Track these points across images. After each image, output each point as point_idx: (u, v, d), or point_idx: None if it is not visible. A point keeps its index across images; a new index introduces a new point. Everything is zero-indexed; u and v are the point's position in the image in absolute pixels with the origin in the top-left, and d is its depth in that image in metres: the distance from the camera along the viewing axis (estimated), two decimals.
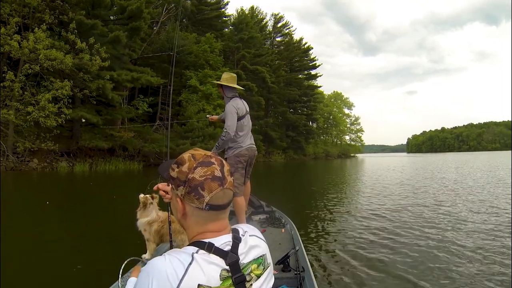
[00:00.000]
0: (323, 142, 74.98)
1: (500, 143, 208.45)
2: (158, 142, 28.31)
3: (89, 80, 21.89)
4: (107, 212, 8.53)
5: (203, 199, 1.08)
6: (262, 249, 1.22)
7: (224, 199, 1.13)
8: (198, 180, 1.09)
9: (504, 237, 5.63)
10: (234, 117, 4.20)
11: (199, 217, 1.13)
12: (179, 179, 1.13)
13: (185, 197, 1.11)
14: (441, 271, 4.09)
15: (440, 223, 6.72)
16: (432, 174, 20.28)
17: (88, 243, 5.44)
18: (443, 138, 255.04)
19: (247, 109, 4.49)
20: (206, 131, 30.41)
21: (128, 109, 28.56)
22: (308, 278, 2.78)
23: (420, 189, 12.71)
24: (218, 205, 1.11)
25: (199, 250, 1.07)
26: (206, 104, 33.42)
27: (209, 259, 1.06)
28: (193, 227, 1.16)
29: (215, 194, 1.09)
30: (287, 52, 57.59)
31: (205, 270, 1.03)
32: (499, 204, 8.80)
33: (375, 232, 6.06)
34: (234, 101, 4.32)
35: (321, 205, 9.43)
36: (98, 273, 3.90)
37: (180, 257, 1.04)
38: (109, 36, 23.04)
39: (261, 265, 1.19)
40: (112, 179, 19.14)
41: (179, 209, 1.15)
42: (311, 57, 61.94)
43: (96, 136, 24.41)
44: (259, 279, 1.16)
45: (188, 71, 34.65)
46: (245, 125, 4.39)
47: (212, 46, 37.37)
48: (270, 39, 59.19)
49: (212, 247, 1.08)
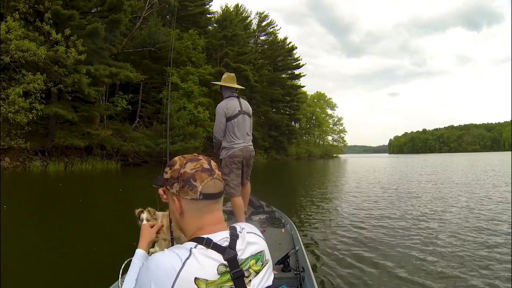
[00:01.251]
0: (305, 143, 74.62)
1: (479, 145, 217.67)
2: (137, 140, 27.25)
3: (64, 74, 20.63)
4: (62, 219, 7.62)
5: (196, 189, 1.17)
6: (260, 246, 1.26)
7: (216, 188, 1.22)
8: (190, 173, 1.19)
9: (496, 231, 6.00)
10: (219, 118, 4.20)
11: (195, 210, 1.21)
12: (172, 177, 1.23)
13: (180, 192, 1.20)
14: (442, 270, 4.09)
15: (441, 222, 6.79)
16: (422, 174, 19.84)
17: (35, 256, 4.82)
18: (425, 139, 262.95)
19: (242, 109, 4.32)
20: (186, 129, 29.38)
21: (107, 106, 27.27)
22: (308, 278, 2.78)
23: (416, 189, 12.87)
24: (211, 194, 1.20)
25: (197, 245, 1.12)
26: (187, 102, 32.44)
27: (207, 254, 1.10)
28: (191, 222, 1.22)
29: (206, 183, 1.19)
30: (271, 51, 57.00)
31: (202, 264, 1.07)
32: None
33: (375, 232, 6.07)
34: (226, 101, 4.27)
35: (321, 205, 9.43)
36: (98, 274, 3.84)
37: (179, 252, 1.09)
38: (87, 28, 21.77)
39: (260, 261, 1.22)
40: (86, 179, 18.12)
41: (177, 207, 1.23)
42: (295, 57, 61.51)
43: (72, 134, 23.18)
44: (258, 275, 1.19)
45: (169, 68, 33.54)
46: (238, 125, 4.26)
47: (195, 43, 36.38)
48: (254, 37, 58.47)
49: (211, 243, 1.13)
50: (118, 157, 26.91)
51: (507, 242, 5.24)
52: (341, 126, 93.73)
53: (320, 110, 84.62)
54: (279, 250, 3.58)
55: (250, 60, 46.32)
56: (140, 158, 28.58)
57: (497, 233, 5.82)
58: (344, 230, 6.26)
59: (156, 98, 33.42)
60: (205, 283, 1.06)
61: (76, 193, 12.26)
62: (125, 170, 24.10)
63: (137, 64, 30.13)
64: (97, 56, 24.68)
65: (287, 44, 60.55)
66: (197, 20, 42.08)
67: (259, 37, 59.59)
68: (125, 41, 30.04)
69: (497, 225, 6.45)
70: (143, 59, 31.01)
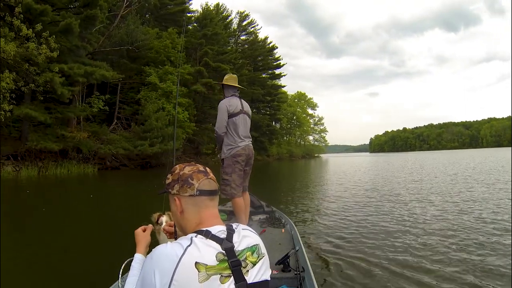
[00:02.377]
0: (286, 143, 74.06)
1: (458, 142, 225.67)
2: (114, 143, 26.03)
3: (36, 73, 19.33)
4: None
5: (193, 186, 1.34)
6: (254, 240, 1.35)
7: (211, 186, 1.38)
8: (188, 174, 1.37)
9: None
10: (222, 114, 4.22)
11: (193, 206, 1.35)
12: (173, 180, 1.40)
13: (180, 191, 1.36)
14: (444, 269, 4.06)
15: (442, 222, 6.73)
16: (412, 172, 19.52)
17: None
18: (405, 138, 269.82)
19: (243, 109, 4.38)
20: (165, 131, 28.34)
21: (83, 107, 25.90)
22: (308, 278, 2.78)
23: (410, 188, 12.68)
24: (206, 190, 1.36)
25: (197, 235, 1.23)
26: (166, 102, 31.41)
27: (206, 242, 1.21)
28: (191, 218, 1.36)
29: (202, 181, 1.36)
30: (251, 50, 56.34)
31: (202, 251, 1.17)
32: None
33: (375, 232, 6.05)
34: (228, 98, 4.33)
35: (319, 205, 9.48)
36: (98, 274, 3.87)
37: (181, 241, 1.21)
38: (60, 25, 20.44)
39: (255, 253, 1.31)
40: (59, 185, 16.93)
41: (178, 207, 1.37)
42: (275, 57, 61.10)
43: (46, 136, 21.84)
44: (255, 266, 1.27)
45: (148, 67, 32.47)
46: (239, 124, 4.29)
47: (174, 42, 35.37)
48: (235, 37, 57.59)
49: (209, 234, 1.25)
50: (96, 161, 25.69)
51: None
52: (322, 126, 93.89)
53: (301, 110, 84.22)
54: (279, 250, 3.61)
55: (230, 60, 45.48)
56: (118, 161, 27.41)
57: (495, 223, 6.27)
58: (344, 230, 6.23)
59: (134, 98, 32.24)
60: (205, 267, 1.14)
61: (42, 201, 11.15)
62: (102, 174, 22.94)
63: (114, 63, 28.96)
64: (72, 54, 23.35)
65: (268, 44, 60.13)
66: (176, 19, 41.00)
67: (239, 36, 58.78)
68: (102, 40, 28.71)
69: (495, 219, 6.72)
70: (121, 58, 29.73)
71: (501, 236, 5.42)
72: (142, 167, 28.72)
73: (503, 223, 6.28)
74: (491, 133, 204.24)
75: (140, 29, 30.45)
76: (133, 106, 32.32)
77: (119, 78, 27.27)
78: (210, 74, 37.52)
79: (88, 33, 25.11)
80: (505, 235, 5.48)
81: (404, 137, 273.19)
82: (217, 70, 39.31)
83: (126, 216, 8.15)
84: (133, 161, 28.40)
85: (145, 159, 28.60)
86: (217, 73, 39.65)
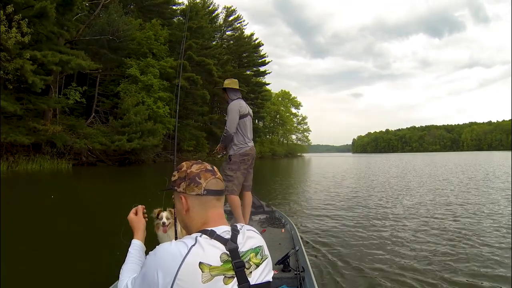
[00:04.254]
0: (269, 141, 73.04)
1: (440, 145, 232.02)
2: (91, 137, 24.62)
3: (6, 59, 17.82)
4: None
5: (201, 185, 1.32)
6: (258, 241, 1.34)
7: (218, 186, 1.36)
8: (195, 172, 1.34)
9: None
10: (235, 114, 4.32)
11: (200, 205, 1.33)
12: (180, 178, 1.36)
13: (186, 189, 1.33)
14: (446, 269, 4.07)
15: (442, 222, 6.74)
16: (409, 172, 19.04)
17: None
18: (387, 139, 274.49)
19: (249, 112, 4.55)
20: (144, 126, 27.14)
21: (58, 99, 24.37)
22: (308, 278, 2.77)
23: (405, 188, 12.91)
24: (213, 190, 1.33)
25: (202, 235, 1.22)
26: (146, 96, 30.18)
27: (211, 243, 1.20)
28: (196, 217, 1.33)
29: (210, 181, 1.33)
30: (237, 46, 55.37)
31: (206, 251, 1.16)
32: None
33: (375, 231, 6.01)
34: (238, 101, 4.45)
35: (318, 205, 9.29)
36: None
37: (185, 240, 1.19)
38: (35, 8, 18.88)
39: (259, 254, 1.30)
40: (26, 182, 15.66)
41: (183, 205, 1.34)
42: (261, 54, 60.12)
43: (17, 129, 20.26)
44: (258, 268, 1.27)
45: (129, 59, 31.06)
46: (247, 126, 4.46)
47: (158, 34, 34.07)
48: (220, 32, 56.46)
49: (214, 234, 1.23)
50: (71, 156, 24.28)
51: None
52: (306, 125, 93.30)
53: (285, 108, 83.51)
54: (279, 250, 3.63)
55: (215, 55, 44.48)
56: (95, 157, 25.98)
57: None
58: (344, 230, 6.16)
59: (113, 91, 30.85)
60: (208, 268, 1.13)
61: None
62: (77, 171, 21.54)
63: (94, 53, 27.47)
64: (49, 42, 21.97)
65: (253, 41, 59.27)
66: (162, 10, 39.88)
67: (225, 32, 57.62)
68: (82, 29, 27.16)
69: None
70: (101, 49, 28.22)
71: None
72: (121, 163, 27.29)
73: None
74: (472, 137, 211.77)
75: (122, 18, 28.99)
76: (113, 99, 30.95)
77: (98, 69, 26.17)
78: (193, 69, 36.30)
79: (66, 20, 23.63)
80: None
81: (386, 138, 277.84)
82: (201, 64, 38.14)
83: (89, 221, 7.10)
84: (111, 157, 27.01)
85: (123, 155, 27.21)
86: (201, 67, 38.54)
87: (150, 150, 29.36)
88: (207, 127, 44.72)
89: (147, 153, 29.20)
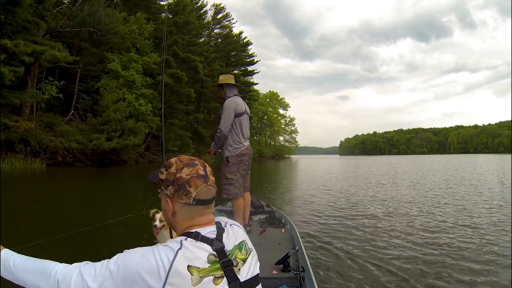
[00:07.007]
0: (256, 142, 71.83)
1: (427, 148, 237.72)
2: (68, 135, 23.05)
3: None
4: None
5: (190, 195, 1.20)
6: (241, 236, 1.32)
7: (209, 195, 1.25)
8: (185, 178, 1.21)
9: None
10: (229, 113, 4.16)
11: (187, 213, 1.24)
12: (168, 180, 1.24)
13: (174, 195, 1.22)
14: (447, 270, 4.07)
15: (444, 225, 6.66)
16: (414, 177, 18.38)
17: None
18: (375, 141, 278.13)
19: (246, 110, 4.38)
20: (125, 124, 25.73)
21: (33, 93, 22.73)
22: (308, 278, 2.77)
23: (402, 188, 13.27)
24: (203, 200, 1.23)
25: (187, 238, 1.17)
26: (127, 92, 28.69)
27: (197, 245, 1.15)
28: (182, 223, 1.25)
29: (200, 189, 1.21)
30: (225, 44, 54.10)
31: (193, 254, 1.12)
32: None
33: (375, 232, 6.03)
34: (235, 98, 4.27)
35: (319, 205, 9.45)
36: None
37: (170, 244, 1.14)
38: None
39: (243, 249, 1.28)
40: None
41: (169, 209, 1.25)
42: (249, 53, 59.04)
43: None
44: (245, 263, 1.25)
45: (111, 53, 29.50)
46: (243, 124, 4.30)
47: (142, 28, 32.61)
48: (208, 29, 55.08)
49: (199, 236, 1.18)
50: (47, 155, 22.72)
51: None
52: (293, 127, 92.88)
53: (272, 109, 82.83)
54: (279, 250, 3.59)
55: (202, 52, 43.14)
56: (73, 157, 24.38)
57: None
58: (344, 230, 6.19)
59: (93, 87, 29.26)
60: (197, 270, 1.10)
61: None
62: (51, 171, 20.01)
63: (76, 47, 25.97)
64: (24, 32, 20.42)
65: (242, 39, 58.08)
66: (148, 5, 38.52)
67: (213, 29, 56.30)
68: (63, 20, 25.63)
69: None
70: (82, 41, 26.70)
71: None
72: (100, 164, 25.59)
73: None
74: (458, 140, 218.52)
75: (105, 10, 27.54)
76: (94, 96, 29.30)
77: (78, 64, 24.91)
78: (178, 65, 34.87)
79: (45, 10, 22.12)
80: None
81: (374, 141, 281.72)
82: (186, 61, 36.73)
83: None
84: (90, 156, 25.40)
85: (103, 155, 25.61)
86: (186, 64, 37.13)
87: (132, 150, 27.90)
88: (193, 127, 43.34)
89: (128, 153, 27.71)
